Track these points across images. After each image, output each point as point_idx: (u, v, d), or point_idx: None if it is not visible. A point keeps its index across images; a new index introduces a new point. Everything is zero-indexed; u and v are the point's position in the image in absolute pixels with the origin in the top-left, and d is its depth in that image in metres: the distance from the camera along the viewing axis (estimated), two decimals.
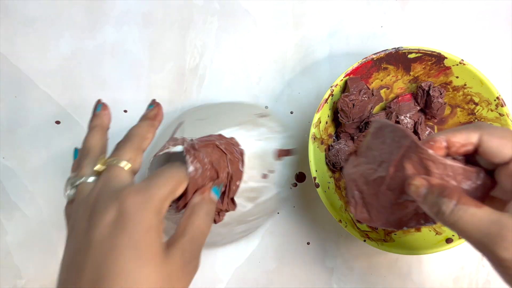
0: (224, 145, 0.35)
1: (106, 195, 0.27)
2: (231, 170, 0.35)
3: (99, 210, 0.26)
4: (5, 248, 0.51)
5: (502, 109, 0.43)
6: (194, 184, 0.31)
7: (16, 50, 0.52)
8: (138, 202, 0.26)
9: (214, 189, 0.32)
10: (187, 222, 0.29)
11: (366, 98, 0.45)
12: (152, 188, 0.27)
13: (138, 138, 0.31)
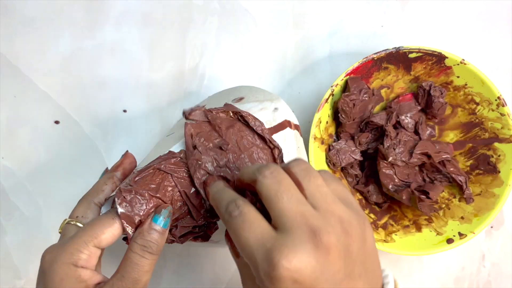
0: (167, 165, 0.33)
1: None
2: (182, 187, 0.33)
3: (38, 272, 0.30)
4: (4, 248, 0.50)
5: (503, 109, 0.43)
6: (130, 222, 0.31)
7: (15, 50, 0.52)
8: (52, 256, 0.29)
9: (155, 218, 0.31)
10: (123, 259, 0.30)
11: (366, 98, 0.45)
12: (67, 242, 0.29)
13: (92, 193, 0.33)
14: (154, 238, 0.30)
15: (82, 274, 0.29)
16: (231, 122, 0.36)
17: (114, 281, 0.29)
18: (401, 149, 0.45)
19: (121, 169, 0.35)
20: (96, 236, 0.29)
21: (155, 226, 0.31)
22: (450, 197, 0.47)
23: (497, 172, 0.44)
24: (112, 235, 0.30)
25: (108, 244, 0.30)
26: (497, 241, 0.51)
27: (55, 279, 0.28)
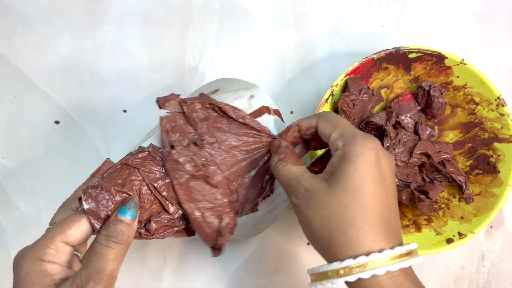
0: (134, 159, 0.34)
1: None
2: (150, 180, 0.34)
3: None
4: (4, 248, 0.50)
5: (503, 109, 0.43)
6: (96, 217, 0.31)
7: (16, 50, 0.52)
8: (19, 254, 0.30)
9: (121, 210, 0.32)
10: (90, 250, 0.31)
11: (366, 98, 0.45)
12: (36, 240, 0.30)
13: (69, 199, 0.35)
14: (119, 228, 0.31)
15: (48, 268, 0.29)
16: (206, 114, 0.36)
17: (78, 272, 0.29)
18: (401, 149, 0.45)
19: (98, 175, 0.35)
20: (63, 231, 0.30)
21: (121, 217, 0.31)
22: (450, 197, 0.47)
23: (496, 172, 0.44)
24: (80, 230, 0.31)
25: (77, 240, 0.31)
26: (496, 241, 0.51)
27: (21, 275, 0.29)
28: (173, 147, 0.35)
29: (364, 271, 0.28)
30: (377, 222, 0.29)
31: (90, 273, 0.29)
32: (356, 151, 0.30)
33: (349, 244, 0.29)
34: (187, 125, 0.36)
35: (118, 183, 0.33)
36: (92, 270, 0.29)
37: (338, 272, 0.29)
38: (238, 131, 0.36)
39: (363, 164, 0.29)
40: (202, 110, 0.36)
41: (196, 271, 0.50)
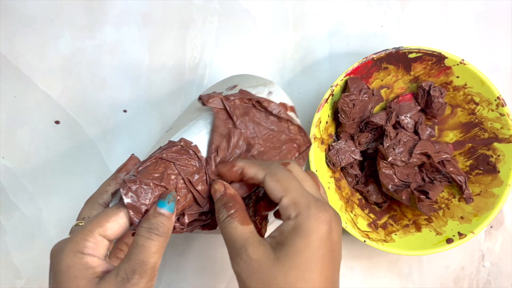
0: (168, 153, 0.34)
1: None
2: (185, 174, 0.34)
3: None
4: (4, 248, 0.50)
5: (503, 109, 0.43)
6: (136, 211, 0.31)
7: (16, 50, 0.52)
8: (58, 247, 0.29)
9: (160, 203, 0.32)
10: (130, 244, 0.31)
11: (366, 98, 0.45)
12: (73, 234, 0.30)
13: (95, 194, 0.34)
14: (160, 221, 0.31)
15: (90, 260, 0.29)
16: (245, 109, 0.37)
17: (121, 264, 0.29)
18: (400, 149, 0.45)
19: (124, 170, 0.36)
20: (101, 225, 0.30)
21: (160, 210, 0.31)
22: (450, 197, 0.47)
23: (496, 172, 0.44)
24: (118, 224, 0.31)
25: (115, 235, 0.31)
26: (496, 241, 0.51)
27: (62, 267, 0.28)
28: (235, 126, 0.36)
29: None
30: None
31: (134, 265, 0.29)
32: (309, 225, 0.28)
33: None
34: (229, 120, 0.36)
35: (156, 177, 0.33)
36: (136, 263, 0.29)
37: None
38: (273, 126, 0.37)
39: (315, 240, 0.28)
40: (241, 105, 0.37)
41: (196, 271, 0.50)
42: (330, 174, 0.47)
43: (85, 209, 0.33)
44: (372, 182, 0.48)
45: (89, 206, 0.33)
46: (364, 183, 0.49)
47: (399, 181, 0.46)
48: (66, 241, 0.30)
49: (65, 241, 0.30)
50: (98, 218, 0.30)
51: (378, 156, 0.46)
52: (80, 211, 0.33)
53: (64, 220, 0.51)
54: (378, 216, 0.48)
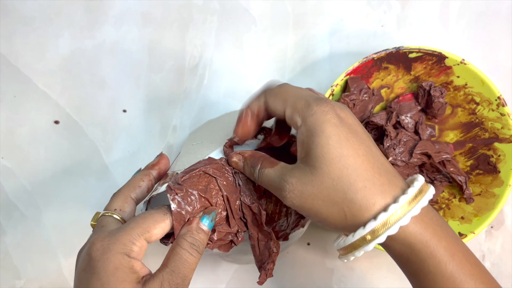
0: (212, 169, 0.34)
1: (86, 244, 0.30)
2: (226, 192, 0.34)
3: (79, 260, 0.29)
4: (3, 248, 0.50)
5: (503, 109, 0.43)
6: (180, 219, 0.31)
7: (15, 50, 0.52)
8: (104, 246, 0.28)
9: (203, 218, 0.32)
10: (171, 254, 0.30)
11: (366, 98, 0.45)
12: (119, 232, 0.29)
13: (129, 187, 0.33)
14: (201, 238, 0.31)
15: (135, 265, 0.28)
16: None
17: (164, 275, 0.29)
18: (401, 149, 0.45)
19: (157, 168, 0.35)
20: (149, 230, 0.29)
21: (203, 226, 0.31)
22: (450, 197, 0.47)
23: (497, 172, 0.44)
24: (162, 230, 0.30)
25: (156, 240, 0.30)
26: (497, 241, 0.51)
27: (108, 268, 0.27)
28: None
29: (390, 228, 0.27)
30: (374, 174, 0.28)
31: (178, 279, 0.29)
32: (318, 121, 0.29)
33: (362, 208, 0.28)
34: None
35: (201, 189, 0.33)
36: (179, 277, 0.29)
37: (365, 239, 0.28)
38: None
39: (330, 130, 0.28)
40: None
41: (196, 272, 0.50)
42: None
43: (117, 201, 0.32)
44: None
45: (121, 199, 0.33)
46: None
47: None
48: (111, 239, 0.29)
49: (110, 240, 0.29)
50: (145, 221, 0.30)
51: None
52: (110, 201, 0.33)
53: (64, 220, 0.51)
54: None
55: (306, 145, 0.29)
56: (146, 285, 0.28)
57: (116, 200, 0.32)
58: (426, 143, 0.45)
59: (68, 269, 0.50)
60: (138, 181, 0.34)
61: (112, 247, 0.28)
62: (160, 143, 0.51)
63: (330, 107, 0.29)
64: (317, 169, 0.28)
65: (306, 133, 0.29)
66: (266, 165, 0.32)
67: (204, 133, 0.44)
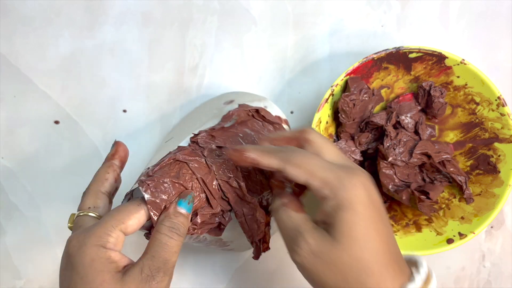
0: (181, 155, 0.35)
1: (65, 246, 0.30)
2: (199, 174, 0.34)
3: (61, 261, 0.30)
4: (4, 248, 0.50)
5: (503, 109, 0.43)
6: (156, 208, 0.32)
7: (15, 50, 0.52)
8: (79, 241, 0.29)
9: (180, 203, 0.32)
10: (150, 240, 0.30)
11: (366, 98, 0.45)
12: (93, 227, 0.29)
13: (96, 183, 0.34)
14: (180, 221, 0.31)
15: (112, 255, 0.29)
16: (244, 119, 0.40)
17: (144, 261, 0.29)
18: (401, 149, 0.45)
19: (117, 156, 0.36)
20: (123, 221, 0.30)
21: (180, 210, 0.32)
22: (450, 197, 0.47)
23: (497, 172, 0.44)
24: (137, 221, 0.31)
25: (132, 230, 0.31)
26: (497, 241, 0.51)
27: (85, 261, 0.28)
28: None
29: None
30: (389, 260, 0.29)
31: (158, 263, 0.29)
32: (348, 197, 0.28)
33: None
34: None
35: (173, 176, 0.33)
36: (160, 261, 0.29)
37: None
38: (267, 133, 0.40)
39: (360, 208, 0.28)
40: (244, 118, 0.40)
41: (196, 272, 0.50)
42: None
43: (89, 199, 0.33)
44: None
45: (92, 195, 0.33)
46: None
47: (399, 181, 0.46)
48: (86, 234, 0.29)
49: (85, 235, 0.29)
50: (119, 213, 0.30)
51: (378, 156, 0.46)
52: (82, 201, 0.33)
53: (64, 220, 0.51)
54: None
55: (332, 217, 0.29)
56: (126, 273, 0.28)
57: (87, 198, 0.33)
58: (426, 143, 0.45)
59: None
60: (104, 174, 0.34)
61: (87, 241, 0.29)
62: (160, 143, 0.51)
63: (360, 182, 0.29)
64: (339, 243, 0.28)
65: (333, 206, 0.29)
66: (291, 206, 0.31)
67: (175, 130, 0.46)
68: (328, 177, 0.29)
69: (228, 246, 0.42)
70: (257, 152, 0.31)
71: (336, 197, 0.29)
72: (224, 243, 0.41)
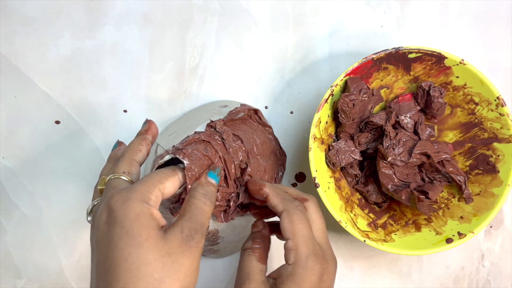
0: (203, 135, 0.37)
1: (101, 203, 0.30)
2: (222, 153, 0.37)
3: (97, 217, 0.30)
4: (4, 248, 0.50)
5: (503, 109, 0.43)
6: (191, 175, 0.33)
7: (16, 50, 0.52)
8: (123, 196, 0.29)
9: (210, 174, 0.34)
10: (186, 205, 0.32)
11: (366, 98, 0.45)
12: (135, 185, 0.30)
13: (131, 152, 0.35)
14: (212, 189, 0.33)
15: (154, 212, 0.30)
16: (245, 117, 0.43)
17: (184, 222, 0.30)
18: (400, 149, 0.45)
19: (150, 132, 0.38)
20: (162, 182, 0.31)
21: (211, 180, 0.34)
22: (450, 197, 0.47)
23: (496, 172, 0.44)
24: (173, 184, 0.32)
25: (168, 193, 0.32)
26: (496, 240, 0.51)
27: (131, 215, 0.28)
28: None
29: None
30: None
31: (196, 225, 0.30)
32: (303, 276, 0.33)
33: None
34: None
35: (202, 150, 0.36)
36: (197, 223, 0.30)
37: None
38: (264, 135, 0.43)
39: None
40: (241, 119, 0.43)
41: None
42: (330, 174, 0.47)
43: (124, 164, 0.34)
44: (372, 182, 0.48)
45: (127, 162, 0.34)
46: (364, 183, 0.49)
47: (398, 181, 0.46)
48: (129, 191, 0.30)
49: (127, 191, 0.30)
50: (158, 175, 0.31)
51: (378, 156, 0.46)
52: (117, 165, 0.33)
53: (65, 220, 0.51)
54: (378, 216, 0.48)
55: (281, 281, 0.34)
56: (168, 231, 0.29)
57: (122, 163, 0.34)
58: (426, 143, 0.45)
59: (68, 269, 0.51)
60: (138, 146, 0.36)
61: (131, 196, 0.29)
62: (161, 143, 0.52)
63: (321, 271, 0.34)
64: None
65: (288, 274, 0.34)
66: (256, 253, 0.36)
67: (177, 124, 0.47)
68: (301, 249, 0.34)
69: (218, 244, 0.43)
70: (271, 190, 0.36)
71: (294, 269, 0.33)
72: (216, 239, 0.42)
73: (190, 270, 0.29)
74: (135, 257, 0.27)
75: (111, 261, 0.28)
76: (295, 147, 0.52)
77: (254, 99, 0.52)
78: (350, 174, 0.49)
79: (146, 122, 0.38)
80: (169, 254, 0.28)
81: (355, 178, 0.49)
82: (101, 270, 0.28)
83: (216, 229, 0.41)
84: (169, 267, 0.28)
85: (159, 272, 0.28)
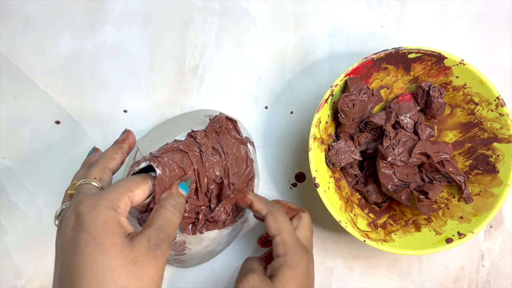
0: (182, 145, 0.38)
1: (70, 207, 0.31)
2: (197, 166, 0.38)
3: (64, 221, 0.30)
4: (4, 248, 0.51)
5: (502, 109, 0.43)
6: (161, 185, 0.34)
7: (16, 50, 0.52)
8: (91, 202, 0.29)
9: (181, 185, 0.35)
10: (154, 214, 0.32)
11: (366, 98, 0.45)
12: (104, 191, 0.31)
13: (105, 159, 0.35)
14: (181, 201, 0.34)
15: (122, 220, 0.30)
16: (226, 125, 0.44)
17: (151, 231, 0.30)
18: (400, 149, 0.45)
19: (127, 142, 0.38)
20: (132, 189, 0.32)
21: (182, 191, 0.35)
22: (449, 197, 0.47)
23: (496, 172, 0.44)
24: (143, 192, 0.33)
25: (137, 202, 0.32)
26: (496, 240, 0.51)
27: (98, 221, 0.29)
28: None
29: None
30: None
31: (163, 235, 0.30)
32: (296, 261, 0.37)
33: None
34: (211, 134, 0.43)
35: (177, 160, 0.36)
36: (164, 233, 0.31)
37: None
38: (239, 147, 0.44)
39: (300, 273, 0.36)
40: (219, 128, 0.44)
41: (196, 271, 0.50)
42: (330, 174, 0.47)
43: (96, 171, 0.34)
44: (372, 182, 0.48)
45: (99, 169, 0.34)
46: (363, 183, 0.49)
47: (398, 181, 0.46)
48: (98, 197, 0.30)
49: (96, 198, 0.30)
50: (128, 182, 0.32)
51: (377, 156, 0.46)
52: (89, 171, 0.34)
53: None
54: (378, 215, 0.48)
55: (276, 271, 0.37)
56: (134, 239, 0.29)
57: (94, 169, 0.34)
58: (425, 143, 0.45)
59: None
60: (113, 154, 0.36)
61: (99, 203, 0.29)
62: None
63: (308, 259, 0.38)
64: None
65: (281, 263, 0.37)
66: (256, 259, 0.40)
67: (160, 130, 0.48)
68: (288, 242, 0.38)
69: (184, 255, 0.44)
70: (254, 197, 0.41)
71: (286, 257, 0.37)
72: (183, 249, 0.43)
73: (154, 278, 0.29)
74: (100, 264, 0.27)
75: (76, 267, 0.28)
76: (295, 147, 0.52)
77: (254, 99, 0.52)
78: (350, 174, 0.49)
79: (124, 132, 0.39)
80: (135, 262, 0.28)
81: (355, 178, 0.49)
82: (64, 275, 0.28)
83: (183, 240, 0.41)
84: (134, 275, 0.28)
85: (123, 279, 0.28)
